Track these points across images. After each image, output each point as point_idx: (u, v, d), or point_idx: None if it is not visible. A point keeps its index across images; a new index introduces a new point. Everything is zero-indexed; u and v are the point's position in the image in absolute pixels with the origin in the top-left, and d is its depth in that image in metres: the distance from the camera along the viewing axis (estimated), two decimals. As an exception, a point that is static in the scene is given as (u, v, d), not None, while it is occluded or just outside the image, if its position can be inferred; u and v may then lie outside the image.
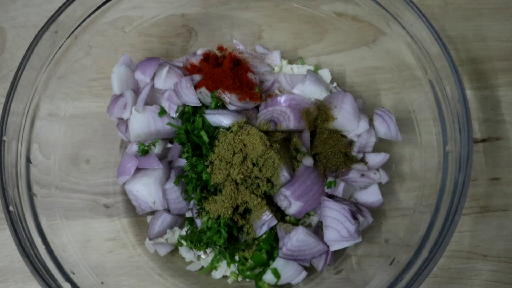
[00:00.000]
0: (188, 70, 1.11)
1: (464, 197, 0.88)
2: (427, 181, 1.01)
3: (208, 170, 0.98)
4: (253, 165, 0.97)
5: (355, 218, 0.99)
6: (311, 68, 1.17)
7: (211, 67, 1.09)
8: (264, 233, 1.01)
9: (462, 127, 0.91)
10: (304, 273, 1.02)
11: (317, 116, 1.06)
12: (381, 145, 1.10)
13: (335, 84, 1.17)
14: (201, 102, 1.04)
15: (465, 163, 0.89)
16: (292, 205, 1.00)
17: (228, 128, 1.02)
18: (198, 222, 1.03)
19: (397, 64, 1.09)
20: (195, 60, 1.13)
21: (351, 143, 1.08)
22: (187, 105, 1.05)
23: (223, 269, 1.06)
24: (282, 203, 1.02)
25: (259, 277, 1.02)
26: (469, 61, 1.24)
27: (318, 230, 1.04)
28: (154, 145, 1.07)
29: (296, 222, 1.04)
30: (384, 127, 1.07)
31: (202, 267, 1.08)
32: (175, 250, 1.09)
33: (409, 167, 1.11)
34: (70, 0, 0.96)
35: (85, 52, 1.06)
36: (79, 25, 1.00)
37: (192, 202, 1.04)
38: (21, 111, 0.95)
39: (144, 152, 1.06)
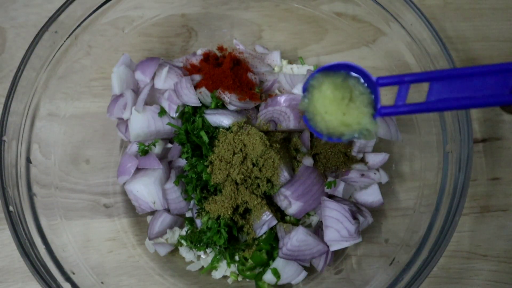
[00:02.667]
0: (188, 70, 1.11)
1: (464, 197, 0.88)
2: (427, 181, 1.01)
3: (208, 170, 0.98)
4: (253, 165, 0.97)
5: (355, 218, 0.99)
6: (311, 68, 1.17)
7: (211, 67, 1.09)
8: (264, 233, 1.01)
9: (462, 127, 0.91)
10: (304, 273, 1.02)
11: (317, 116, 1.06)
12: (381, 145, 1.10)
13: (335, 84, 1.16)
14: (201, 102, 1.04)
15: (465, 163, 0.89)
16: (292, 205, 1.01)
17: (228, 128, 1.02)
18: (198, 222, 1.03)
19: (397, 64, 1.09)
20: (195, 60, 1.13)
21: (351, 143, 1.08)
22: (187, 105, 1.05)
23: (223, 269, 1.06)
24: (282, 203, 1.02)
25: (259, 277, 1.02)
26: (469, 61, 1.24)
27: (318, 230, 1.04)
28: (154, 145, 1.07)
29: (296, 222, 1.04)
30: (384, 127, 1.07)
31: (202, 267, 1.08)
32: (175, 250, 1.09)
33: (409, 167, 1.11)
34: (70, 0, 0.96)
35: (85, 52, 1.06)
36: (79, 25, 1.00)
37: (192, 202, 1.05)
38: (21, 111, 0.95)
39: (144, 152, 1.06)
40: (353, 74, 0.74)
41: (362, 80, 0.74)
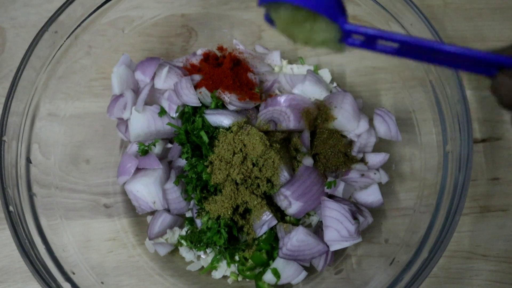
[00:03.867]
0: (188, 70, 1.11)
1: (464, 197, 0.88)
2: (427, 181, 1.01)
3: (208, 170, 0.98)
4: (253, 165, 0.97)
5: (355, 218, 0.99)
6: (311, 68, 1.17)
7: (211, 67, 1.09)
8: (264, 233, 1.01)
9: (462, 127, 0.91)
10: (304, 273, 1.02)
11: (317, 116, 1.06)
12: (381, 145, 1.10)
13: (335, 84, 1.16)
14: (201, 102, 1.04)
15: (465, 163, 0.89)
16: (292, 205, 1.00)
17: (228, 128, 1.02)
18: (198, 222, 1.03)
19: (397, 64, 1.09)
20: (195, 60, 1.13)
21: (351, 143, 1.08)
22: (187, 105, 1.05)
23: (223, 269, 1.06)
24: (282, 203, 1.01)
25: (259, 277, 1.02)
26: (469, 61, 1.24)
27: (318, 230, 1.04)
28: (154, 145, 1.07)
29: (296, 222, 1.04)
30: (384, 127, 1.07)
31: (202, 267, 1.08)
32: (175, 250, 1.09)
33: (409, 167, 1.11)
34: (70, 0, 0.96)
35: (85, 52, 1.06)
36: (79, 25, 1.00)
37: (192, 202, 1.05)
38: (21, 111, 0.95)
39: (144, 152, 1.06)
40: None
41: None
